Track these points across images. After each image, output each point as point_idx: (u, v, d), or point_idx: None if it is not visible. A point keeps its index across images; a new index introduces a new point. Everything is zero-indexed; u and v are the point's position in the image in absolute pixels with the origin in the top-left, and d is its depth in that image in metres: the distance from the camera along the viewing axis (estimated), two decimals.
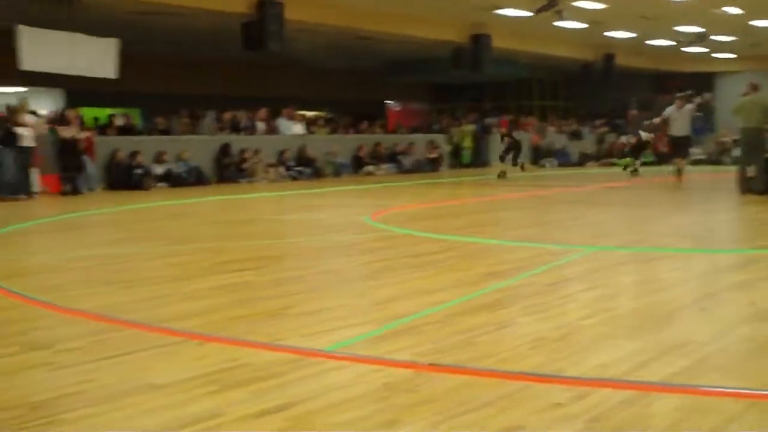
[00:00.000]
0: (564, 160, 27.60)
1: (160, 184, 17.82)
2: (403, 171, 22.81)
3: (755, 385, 3.84)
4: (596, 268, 7.28)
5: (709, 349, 4.45)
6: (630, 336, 4.74)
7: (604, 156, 27.64)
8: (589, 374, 3.97)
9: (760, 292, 6.08)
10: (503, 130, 22.05)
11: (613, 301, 5.86)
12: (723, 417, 3.40)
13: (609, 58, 28.15)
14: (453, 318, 5.16)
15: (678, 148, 18.96)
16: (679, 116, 18.34)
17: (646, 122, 20.79)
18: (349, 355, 4.34)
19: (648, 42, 27.68)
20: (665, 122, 18.86)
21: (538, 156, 27.09)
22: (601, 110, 31.31)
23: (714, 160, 26.18)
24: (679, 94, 18.84)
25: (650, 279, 6.93)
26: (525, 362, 4.21)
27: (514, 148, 20.76)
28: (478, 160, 26.74)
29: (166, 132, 19.77)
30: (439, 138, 25.73)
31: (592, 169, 25.22)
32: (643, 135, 21.26)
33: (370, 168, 22.46)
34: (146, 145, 18.29)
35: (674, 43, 27.38)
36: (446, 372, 4.02)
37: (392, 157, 23.75)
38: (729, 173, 17.06)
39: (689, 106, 18.57)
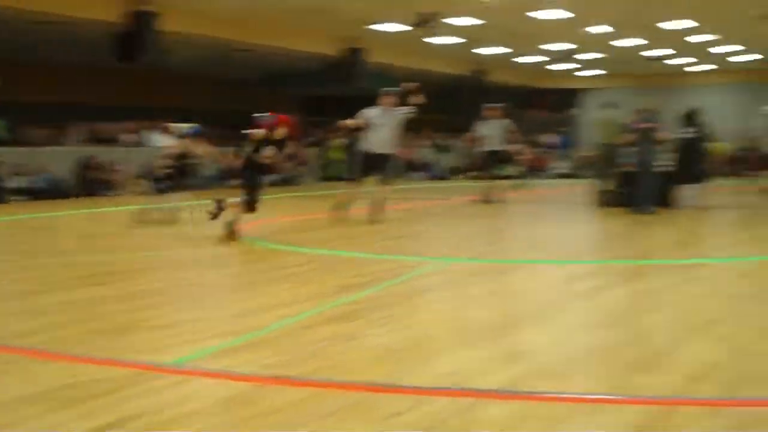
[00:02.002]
0: (432, 173, 28.05)
1: (19, 197, 17.21)
2: (270, 183, 22.63)
3: (588, 390, 4.00)
4: (449, 279, 7.42)
5: (550, 356, 4.62)
6: (474, 345, 4.85)
7: (471, 169, 28.16)
8: (431, 383, 4.05)
9: (604, 300, 6.33)
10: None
11: (462, 312, 5.98)
12: (552, 421, 3.55)
13: (480, 73, 28.72)
14: (304, 330, 5.19)
15: (369, 167, 12.55)
16: (382, 121, 12.45)
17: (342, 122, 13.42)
18: (192, 369, 4.31)
19: (517, 59, 28.39)
20: (359, 128, 12.83)
21: (409, 169, 27.40)
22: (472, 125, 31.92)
23: (576, 174, 26.70)
24: (386, 89, 12.94)
25: (500, 290, 7.11)
26: (370, 373, 4.27)
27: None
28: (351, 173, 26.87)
29: (31, 143, 19.11)
30: (311, 151, 25.78)
31: (459, 182, 25.63)
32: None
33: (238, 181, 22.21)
34: (7, 157, 17.65)
35: (542, 59, 28.17)
36: (288, 384, 4.03)
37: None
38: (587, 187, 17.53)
39: (402, 110, 12.58)
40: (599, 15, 21.01)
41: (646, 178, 13.61)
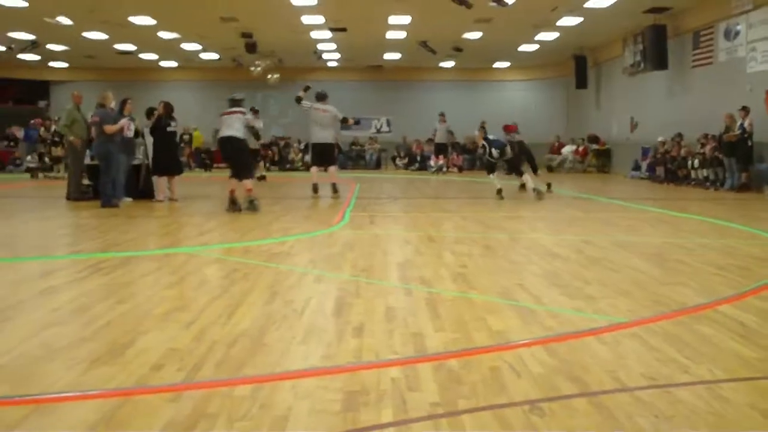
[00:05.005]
0: None
1: None
2: None
3: (44, 390, 3.82)
4: None
5: (5, 359, 4.33)
6: None
7: None
8: None
9: (70, 296, 6.12)
10: None
11: None
12: (4, 427, 3.33)
13: None
14: None
15: None
16: None
17: None
18: None
19: None
20: None
21: None
22: None
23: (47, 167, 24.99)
24: None
25: None
26: None
27: None
28: None
29: None
30: None
31: None
32: None
33: None
34: None
35: (6, 48, 26.64)
36: None
37: None
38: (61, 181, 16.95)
39: None
40: (56, 6, 20.45)
41: (109, 172, 13.53)
